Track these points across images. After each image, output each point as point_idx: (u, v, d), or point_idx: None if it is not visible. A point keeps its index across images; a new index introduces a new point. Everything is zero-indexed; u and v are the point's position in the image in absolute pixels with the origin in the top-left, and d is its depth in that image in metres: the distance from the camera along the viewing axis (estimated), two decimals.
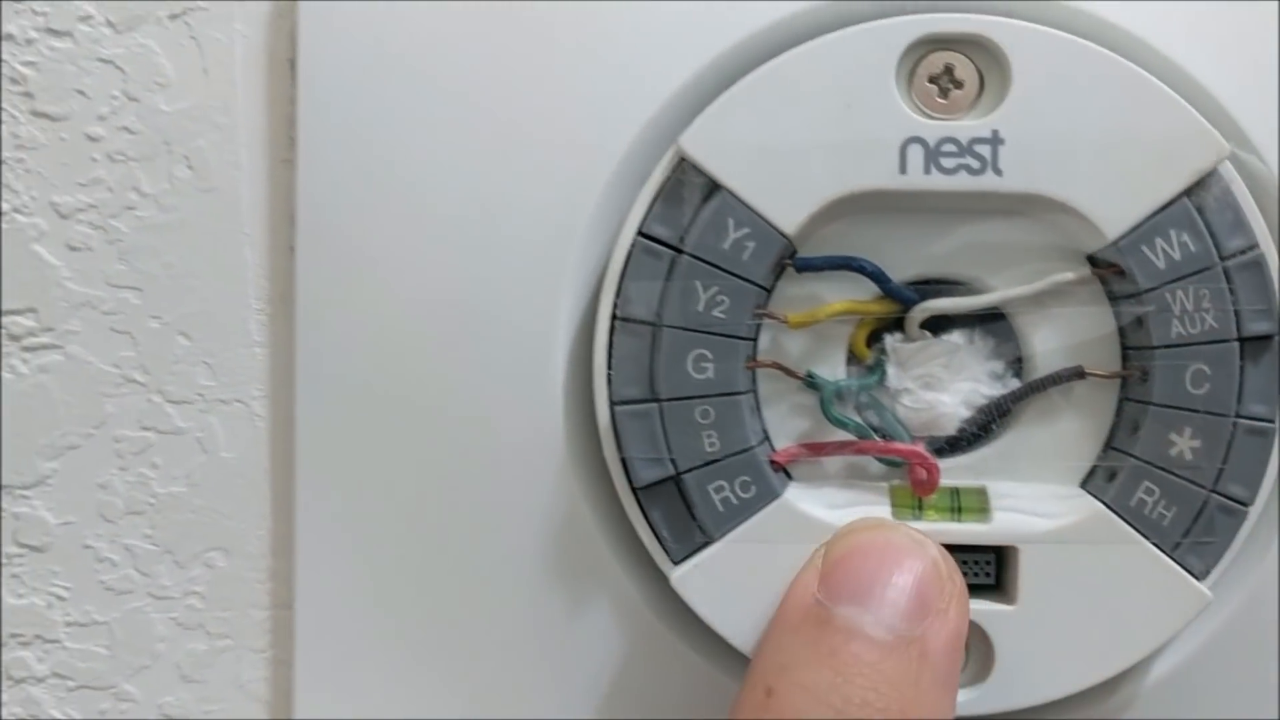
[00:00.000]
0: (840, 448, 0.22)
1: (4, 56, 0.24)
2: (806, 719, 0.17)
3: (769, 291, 0.22)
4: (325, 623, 0.24)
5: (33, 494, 0.25)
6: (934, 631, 0.18)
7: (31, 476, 0.25)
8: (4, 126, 0.24)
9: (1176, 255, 0.21)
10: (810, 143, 0.21)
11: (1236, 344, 0.21)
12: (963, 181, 0.21)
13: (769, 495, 0.22)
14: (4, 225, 0.25)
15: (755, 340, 0.22)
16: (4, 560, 0.25)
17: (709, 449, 0.22)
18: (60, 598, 0.25)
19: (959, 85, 0.22)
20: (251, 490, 0.25)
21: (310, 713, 0.24)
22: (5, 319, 0.25)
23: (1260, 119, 0.22)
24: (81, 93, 0.24)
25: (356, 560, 0.24)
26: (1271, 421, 0.21)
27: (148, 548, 0.25)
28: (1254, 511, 0.22)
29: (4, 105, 0.24)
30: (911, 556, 0.19)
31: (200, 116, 0.24)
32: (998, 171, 0.21)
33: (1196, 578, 0.21)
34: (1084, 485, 0.22)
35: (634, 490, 0.22)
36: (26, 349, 0.25)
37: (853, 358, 0.23)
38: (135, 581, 0.25)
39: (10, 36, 0.24)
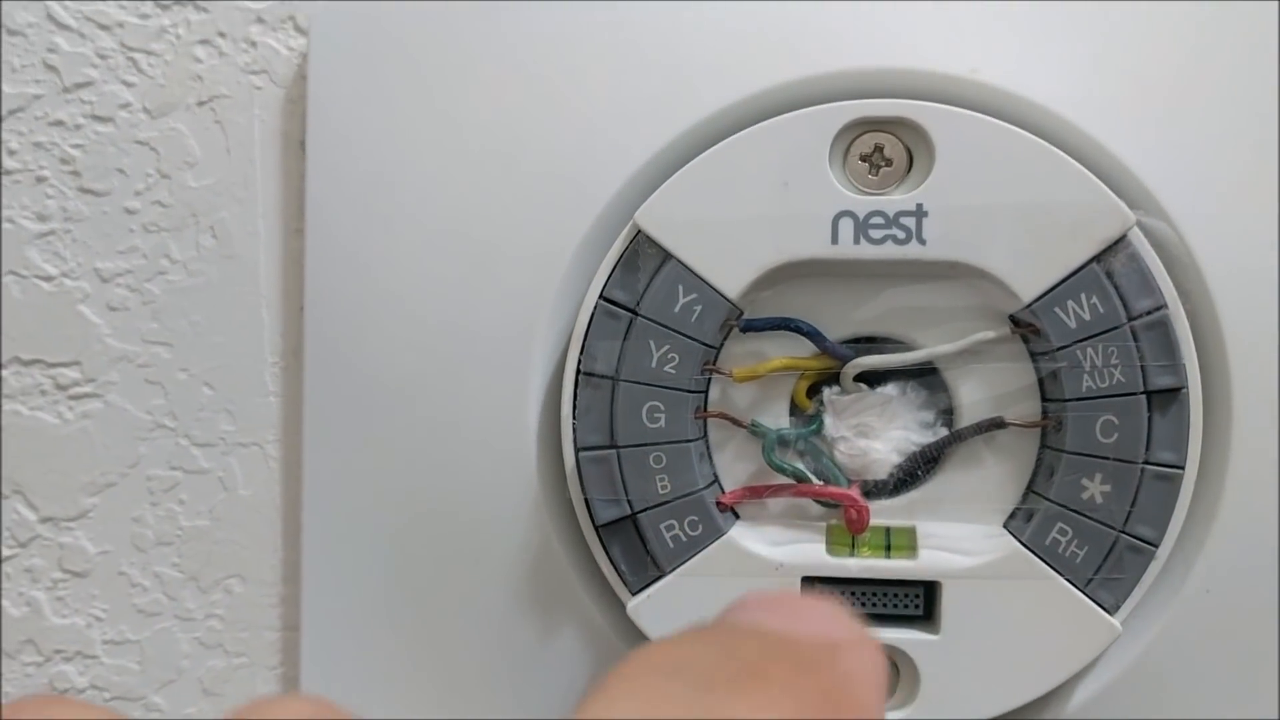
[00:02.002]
0: (780, 490, 0.24)
1: (56, 140, 0.28)
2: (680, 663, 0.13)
3: (718, 349, 0.25)
4: (327, 644, 0.27)
5: (76, 526, 0.28)
6: (850, 648, 0.14)
7: (75, 510, 0.28)
8: (54, 202, 0.28)
9: (1086, 316, 0.23)
10: (751, 217, 0.24)
11: (1144, 396, 0.23)
12: (889, 250, 0.24)
13: (715, 533, 0.24)
14: (53, 289, 0.28)
15: (706, 393, 0.25)
16: (50, 584, 0.28)
17: (661, 491, 0.24)
18: (98, 618, 0.28)
19: (889, 163, 0.24)
20: (265, 524, 0.28)
21: None
22: (53, 371, 0.28)
23: (1170, 186, 0.24)
24: (121, 171, 0.28)
25: (355, 587, 0.26)
26: (1180, 468, 0.23)
27: (175, 575, 0.28)
28: (1163, 551, 0.23)
29: (55, 183, 0.28)
30: (813, 601, 0.15)
31: (223, 191, 0.28)
32: (921, 241, 0.23)
33: (1108, 611, 0.23)
34: (1006, 526, 0.24)
35: (596, 528, 0.25)
36: (72, 398, 0.28)
37: (795, 408, 0.25)
38: (163, 605, 0.28)
39: (61, 123, 0.28)
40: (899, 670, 0.24)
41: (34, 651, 0.28)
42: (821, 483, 0.24)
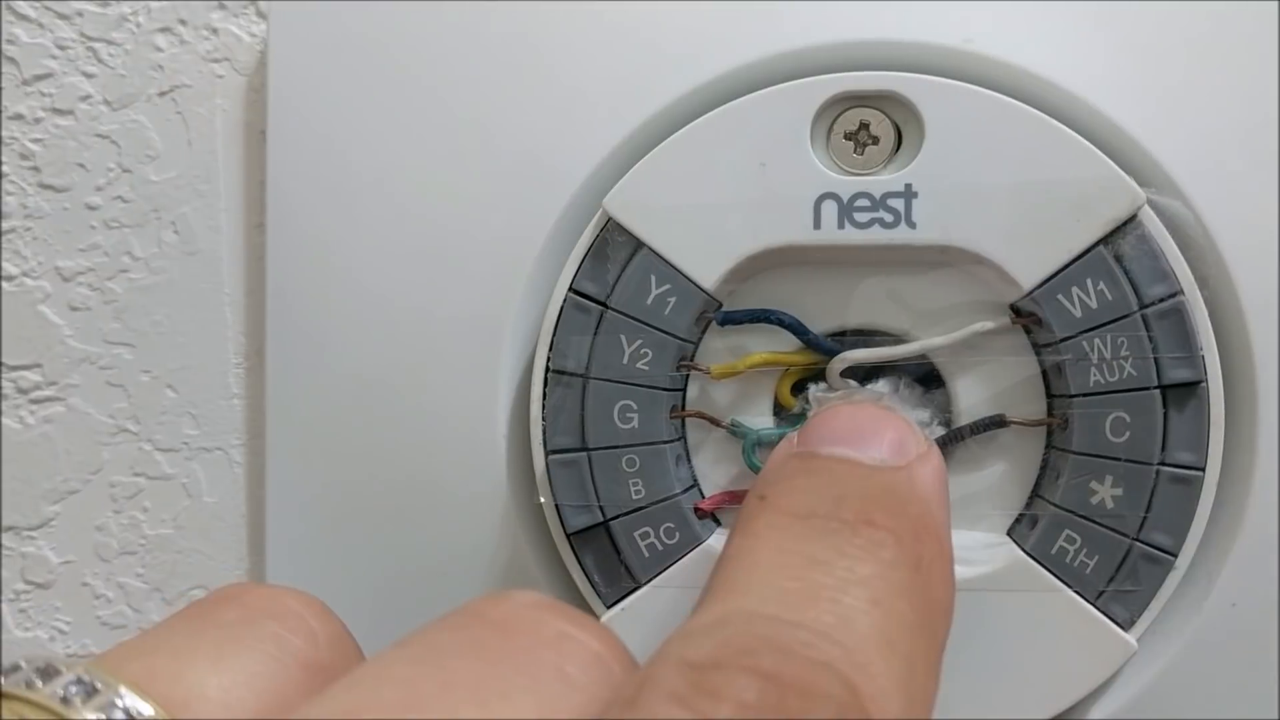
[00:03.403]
0: None
1: (15, 134, 0.27)
2: (805, 511, 0.16)
3: (695, 344, 0.23)
4: None
5: (38, 535, 0.27)
6: (919, 464, 0.18)
7: (37, 519, 0.27)
8: (14, 199, 0.27)
9: (1093, 304, 0.21)
10: (727, 201, 0.22)
11: (1157, 392, 0.21)
12: (876, 235, 0.22)
13: (692, 541, 0.22)
14: (13, 288, 0.27)
15: (684, 391, 0.23)
16: (12, 596, 0.27)
17: (635, 496, 0.22)
18: (62, 631, 0.27)
19: (875, 141, 0.22)
20: (230, 533, 0.26)
21: None
22: (14, 374, 0.27)
23: (1185, 161, 0.22)
24: (82, 165, 0.27)
25: (322, 597, 0.25)
26: (1199, 469, 0.21)
27: (139, 585, 0.27)
28: (1183, 561, 0.21)
29: (14, 179, 0.27)
30: (883, 415, 0.19)
31: (185, 185, 0.26)
32: (911, 225, 0.22)
33: (1121, 627, 0.21)
34: (1009, 533, 0.22)
35: (567, 536, 0.23)
36: (34, 401, 0.27)
37: (778, 406, 0.23)
38: (128, 617, 0.27)
39: (20, 116, 0.27)
40: None
41: None
42: None
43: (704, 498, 0.23)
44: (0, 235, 0.27)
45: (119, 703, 0.13)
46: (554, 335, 0.23)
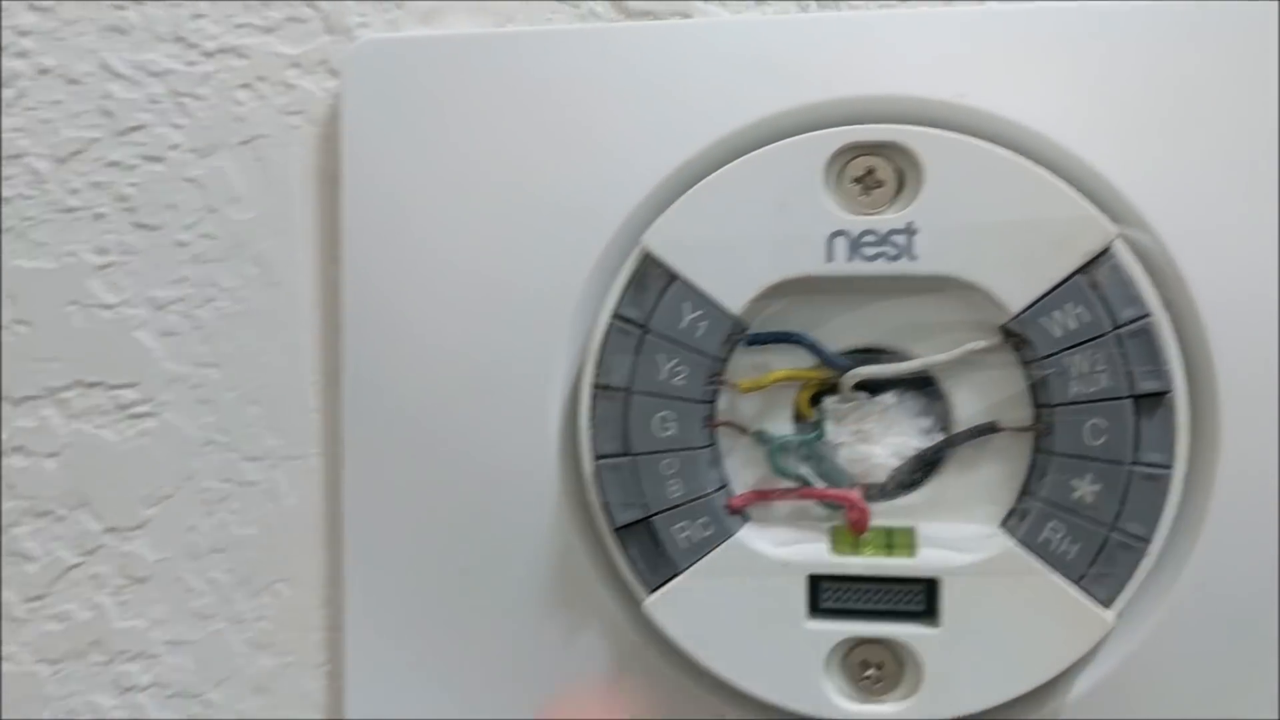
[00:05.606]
0: (785, 494, 0.26)
1: (113, 179, 0.30)
2: None
3: (725, 361, 0.26)
4: (370, 643, 0.28)
5: (136, 535, 0.30)
6: None
7: (135, 521, 0.30)
8: (112, 237, 0.30)
9: (1072, 325, 0.24)
10: (751, 238, 0.25)
11: (1130, 401, 0.24)
12: (881, 267, 0.25)
13: (724, 534, 0.26)
14: (112, 316, 0.30)
15: (714, 403, 0.26)
16: (113, 590, 0.30)
17: (673, 495, 0.26)
18: (159, 621, 0.30)
19: (880, 184, 0.25)
20: (310, 532, 0.30)
21: (358, 715, 0.29)
22: (114, 392, 0.30)
23: (1153, 199, 0.25)
24: (172, 207, 0.30)
25: (394, 590, 0.28)
26: (1168, 468, 0.24)
27: (227, 580, 0.30)
28: (1154, 547, 0.25)
29: (112, 220, 0.30)
30: None
31: (266, 223, 0.30)
32: (912, 257, 0.25)
33: (1101, 605, 0.25)
34: (1002, 525, 0.26)
35: (613, 530, 0.26)
36: (131, 416, 0.30)
37: (799, 416, 0.26)
38: (217, 608, 0.30)
39: (117, 163, 0.30)
40: (903, 663, 0.25)
41: (100, 652, 0.31)
42: (825, 485, 0.26)
43: (734, 496, 0.26)
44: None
45: None
46: (600, 355, 0.26)
